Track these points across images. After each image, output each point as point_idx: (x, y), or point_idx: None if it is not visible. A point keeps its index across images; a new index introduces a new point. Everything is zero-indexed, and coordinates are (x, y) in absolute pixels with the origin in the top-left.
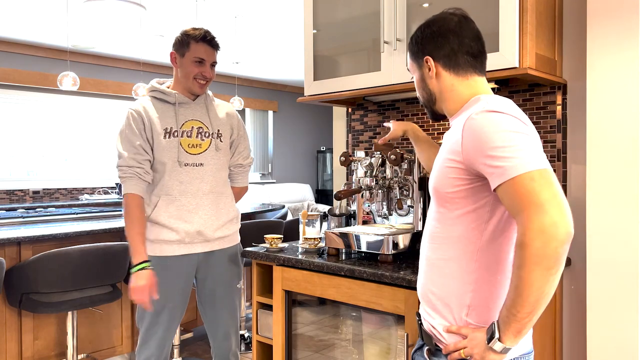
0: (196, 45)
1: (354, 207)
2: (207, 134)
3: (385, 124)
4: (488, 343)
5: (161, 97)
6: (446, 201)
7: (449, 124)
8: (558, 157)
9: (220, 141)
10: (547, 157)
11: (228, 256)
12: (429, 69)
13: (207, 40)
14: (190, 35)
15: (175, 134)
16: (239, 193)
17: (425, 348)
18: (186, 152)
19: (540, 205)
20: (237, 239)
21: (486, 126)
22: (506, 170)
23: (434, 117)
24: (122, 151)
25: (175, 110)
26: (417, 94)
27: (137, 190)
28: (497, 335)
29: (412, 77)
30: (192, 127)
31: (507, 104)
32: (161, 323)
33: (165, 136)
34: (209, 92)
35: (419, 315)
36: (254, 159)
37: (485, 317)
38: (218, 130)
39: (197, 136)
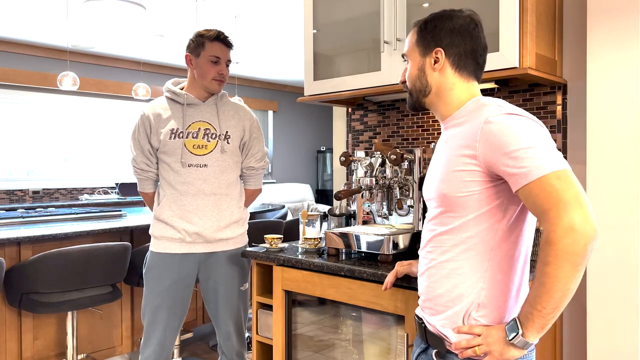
0: (211, 44)
1: (354, 207)
2: (213, 136)
3: None
4: (510, 339)
5: (173, 98)
6: (457, 205)
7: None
8: None
9: (228, 143)
10: None
11: (231, 258)
12: (435, 61)
13: (221, 39)
14: (204, 35)
15: (181, 135)
16: (251, 195)
17: (433, 351)
18: (191, 152)
19: (568, 203)
20: (244, 241)
21: (507, 128)
22: (531, 170)
23: (414, 108)
24: (135, 154)
25: (183, 111)
26: (407, 81)
27: (151, 189)
28: (520, 331)
29: (406, 61)
30: (199, 128)
31: (519, 108)
32: (160, 321)
33: (171, 137)
34: (224, 92)
35: (418, 316)
36: (268, 162)
37: (494, 315)
38: (226, 132)
39: (203, 137)
